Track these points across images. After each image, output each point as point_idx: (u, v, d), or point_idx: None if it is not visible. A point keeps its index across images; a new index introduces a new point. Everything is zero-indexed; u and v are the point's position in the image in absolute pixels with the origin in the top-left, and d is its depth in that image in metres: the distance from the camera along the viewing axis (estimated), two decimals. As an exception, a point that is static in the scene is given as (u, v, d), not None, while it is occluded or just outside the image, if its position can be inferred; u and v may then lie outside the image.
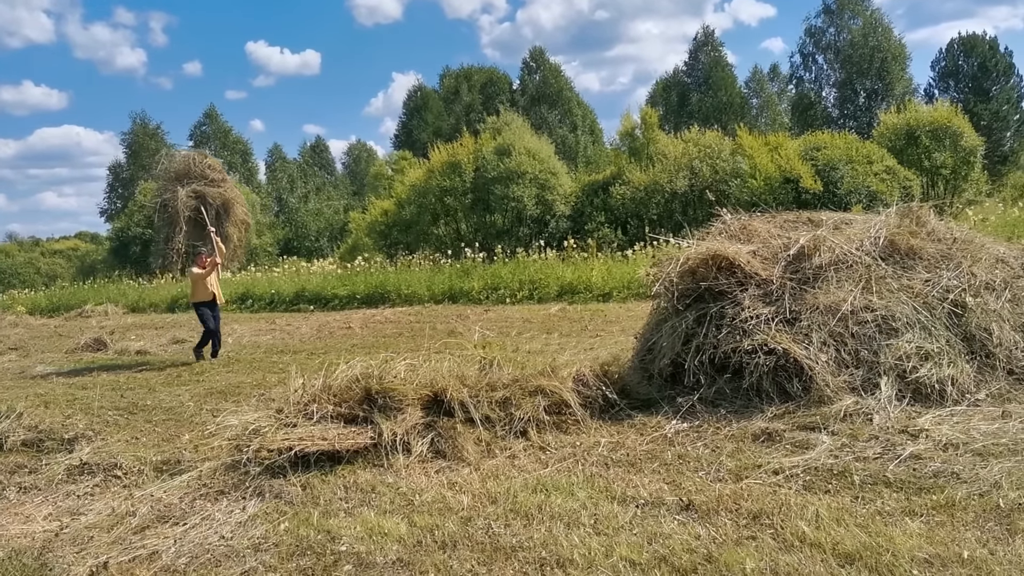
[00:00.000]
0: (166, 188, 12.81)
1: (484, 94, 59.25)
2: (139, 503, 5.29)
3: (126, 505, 5.27)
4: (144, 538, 4.69)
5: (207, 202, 12.45)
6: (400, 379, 6.40)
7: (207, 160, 13.22)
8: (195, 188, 12.47)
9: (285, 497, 5.22)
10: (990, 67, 49.14)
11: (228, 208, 12.86)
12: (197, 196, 12.44)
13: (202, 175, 12.73)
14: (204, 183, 12.63)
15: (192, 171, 12.73)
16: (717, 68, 56.19)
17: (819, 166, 22.81)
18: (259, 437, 5.89)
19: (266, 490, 5.34)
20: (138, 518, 5.01)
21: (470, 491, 5.06)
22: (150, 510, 5.16)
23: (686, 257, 6.73)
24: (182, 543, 4.56)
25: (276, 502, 5.14)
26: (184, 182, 12.55)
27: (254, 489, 5.37)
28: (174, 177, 12.77)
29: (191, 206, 12.32)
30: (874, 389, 5.74)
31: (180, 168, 12.87)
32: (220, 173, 13.19)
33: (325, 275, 24.01)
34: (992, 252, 6.57)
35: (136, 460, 6.14)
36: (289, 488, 5.34)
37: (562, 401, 6.37)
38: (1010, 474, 4.38)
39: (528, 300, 17.64)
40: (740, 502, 4.42)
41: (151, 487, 5.58)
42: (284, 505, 5.09)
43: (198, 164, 12.91)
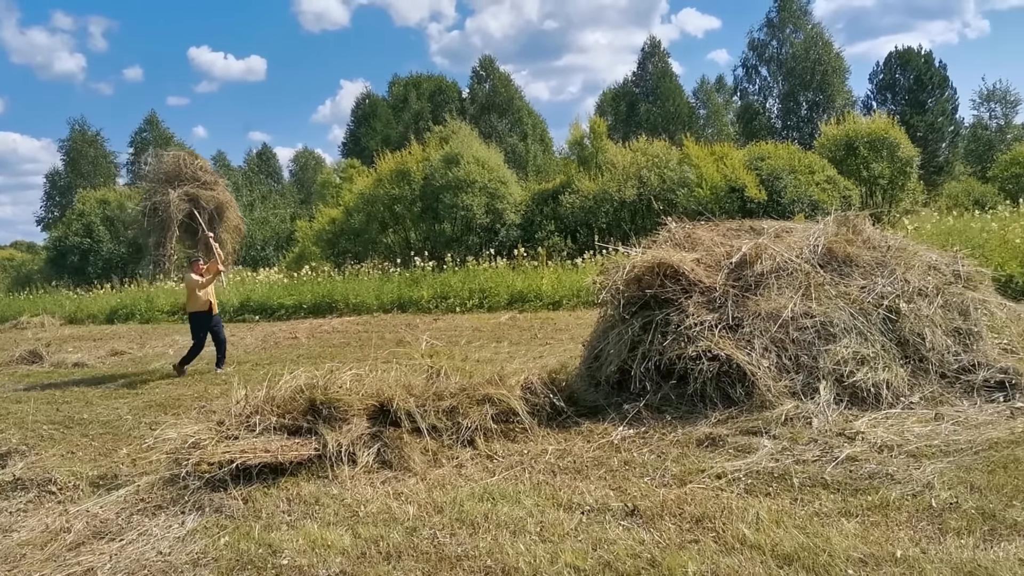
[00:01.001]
0: (156, 190, 12.06)
1: (433, 102, 59.14)
2: (74, 519, 5.15)
3: (61, 521, 5.13)
4: (79, 555, 4.57)
5: (200, 205, 11.83)
6: (346, 389, 6.35)
7: (198, 161, 12.54)
8: (187, 190, 11.82)
9: (226, 511, 5.13)
10: (925, 80, 50.61)
11: (222, 212, 12.23)
12: (190, 199, 11.80)
13: (194, 176, 12.07)
14: (197, 185, 11.99)
15: (183, 172, 12.06)
16: (665, 79, 56.93)
17: (763, 176, 23.23)
18: (199, 450, 5.78)
19: (206, 504, 5.24)
20: (73, 534, 4.88)
21: (416, 501, 5.04)
22: (86, 526, 5.03)
23: (632, 265, 6.80)
24: (118, 560, 4.45)
25: (216, 516, 5.05)
26: (175, 184, 11.87)
27: (193, 503, 5.26)
28: (164, 179, 12.08)
29: (184, 210, 11.69)
30: (813, 393, 5.86)
31: (170, 169, 12.18)
32: (212, 175, 12.56)
33: (271, 284, 23.67)
34: (924, 259, 6.76)
35: (71, 475, 5.98)
36: (230, 502, 5.25)
37: (510, 409, 6.38)
38: (942, 474, 4.50)
39: (478, 309, 17.62)
40: (684, 506, 4.47)
41: (87, 503, 5.44)
42: (224, 519, 5.00)
43: (189, 165, 12.23)
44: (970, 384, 5.91)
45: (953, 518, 3.94)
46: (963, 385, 5.94)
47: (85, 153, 58.74)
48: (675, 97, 56.44)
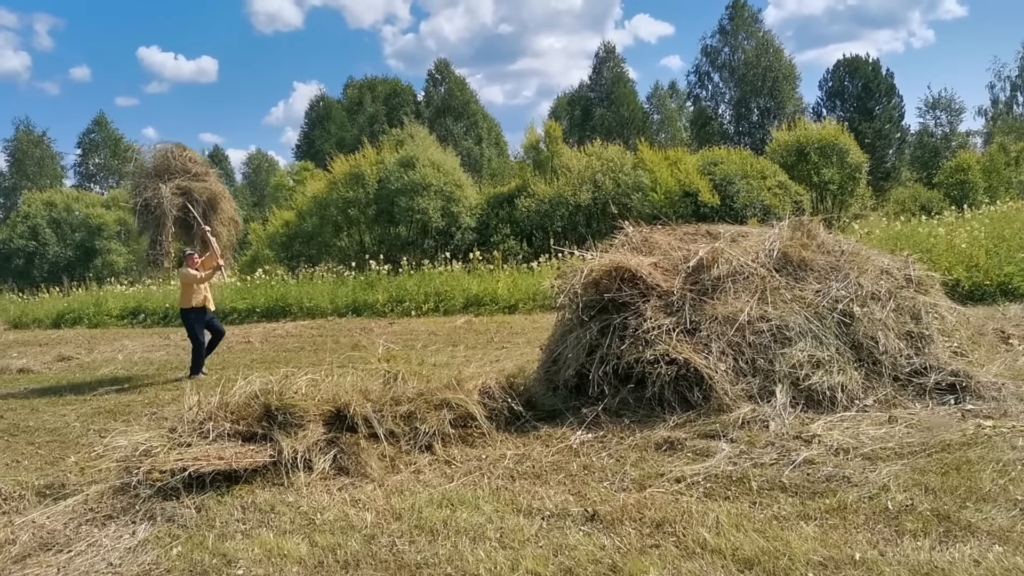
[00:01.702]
0: (145, 186, 11.45)
1: (388, 105, 58.86)
2: (20, 530, 4.98)
3: (5, 533, 4.95)
4: (25, 567, 4.42)
5: (193, 198, 11.30)
6: (301, 394, 6.24)
7: (187, 152, 11.98)
8: (179, 184, 11.26)
9: (178, 520, 5.00)
10: (873, 88, 51.75)
11: (215, 204, 11.67)
12: (183, 192, 11.26)
13: (184, 169, 11.51)
14: (188, 178, 11.43)
15: (172, 165, 11.50)
16: (619, 84, 57.36)
17: (716, 180, 23.52)
18: (150, 458, 5.62)
19: (157, 513, 5.11)
20: (18, 546, 4.71)
21: (374, 508, 4.96)
22: (32, 537, 4.86)
23: (590, 269, 6.80)
24: (67, 572, 4.31)
25: (168, 526, 4.92)
26: (165, 177, 11.32)
27: (145, 513, 5.12)
28: (153, 173, 11.51)
29: (177, 204, 11.15)
30: (770, 397, 5.91)
31: (159, 163, 11.61)
32: (203, 166, 12.01)
33: (223, 288, 23.28)
34: (877, 264, 6.87)
35: (17, 485, 5.79)
36: (182, 510, 5.12)
37: (468, 414, 6.33)
38: (897, 477, 4.56)
39: (434, 312, 17.52)
40: (644, 511, 4.47)
41: (33, 513, 5.26)
42: (177, 529, 4.87)
43: (178, 157, 11.67)
44: (922, 387, 6.02)
45: (909, 520, 3.99)
46: (915, 388, 6.04)
47: (31, 154, 57.30)
48: (629, 102, 56.89)
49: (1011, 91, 53.69)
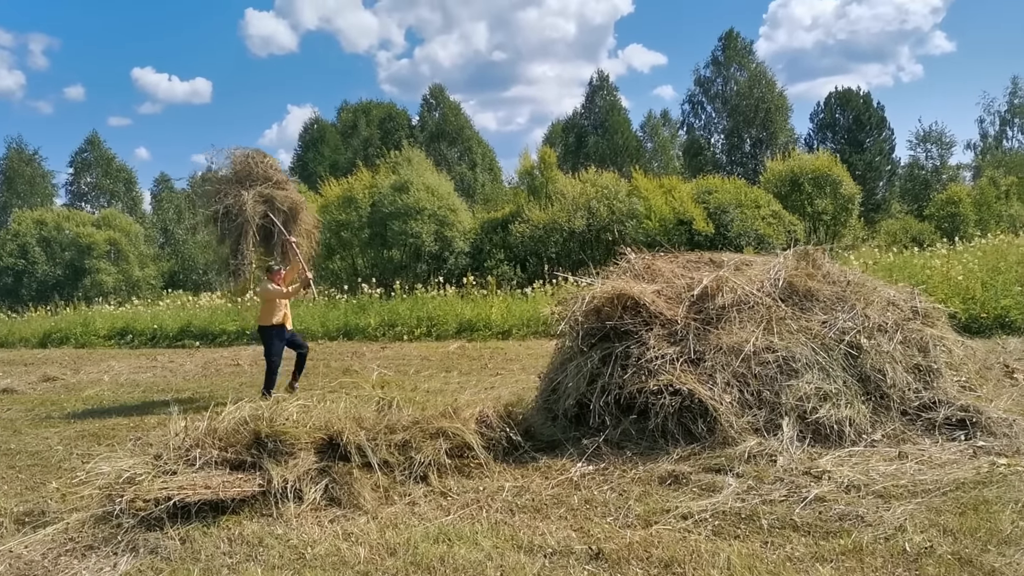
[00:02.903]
0: (226, 192, 10.86)
1: (383, 129, 58.89)
2: (-5, 561, 4.76)
3: (-20, 564, 4.73)
4: (-1, 602, 4.20)
5: (275, 207, 10.76)
6: (292, 421, 6.06)
7: (268, 159, 11.43)
8: (261, 191, 10.71)
9: (162, 552, 4.80)
10: (864, 120, 52.10)
11: (296, 213, 11.10)
12: (264, 200, 10.71)
13: (265, 176, 10.95)
14: (270, 185, 10.88)
15: (254, 172, 10.93)
16: (613, 112, 57.59)
17: (711, 209, 23.48)
18: (134, 486, 5.41)
19: (140, 545, 4.90)
20: (-7, 579, 4.50)
21: (367, 542, 4.77)
22: (8, 568, 4.65)
23: (592, 296, 6.65)
24: (43, 607, 4.10)
25: (151, 558, 4.72)
26: (247, 184, 10.79)
27: (127, 544, 4.92)
28: (234, 179, 10.97)
29: (259, 211, 10.60)
30: (776, 430, 5.75)
31: (240, 168, 11.06)
32: (283, 174, 11.49)
33: (213, 309, 23.03)
34: (883, 295, 6.74)
35: (-5, 511, 5.57)
36: (166, 542, 4.91)
37: (464, 443, 6.15)
38: (912, 517, 4.40)
39: (426, 337, 17.32)
40: (650, 549, 4.29)
41: (11, 542, 5.05)
42: (160, 561, 4.67)
43: (259, 164, 11.12)
44: (931, 422, 5.87)
45: (930, 563, 3.83)
46: (924, 423, 5.89)
47: (22, 172, 56.94)
48: (623, 130, 57.10)
49: (1000, 125, 54.16)
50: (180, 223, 53.25)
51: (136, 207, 58.75)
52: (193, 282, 44.33)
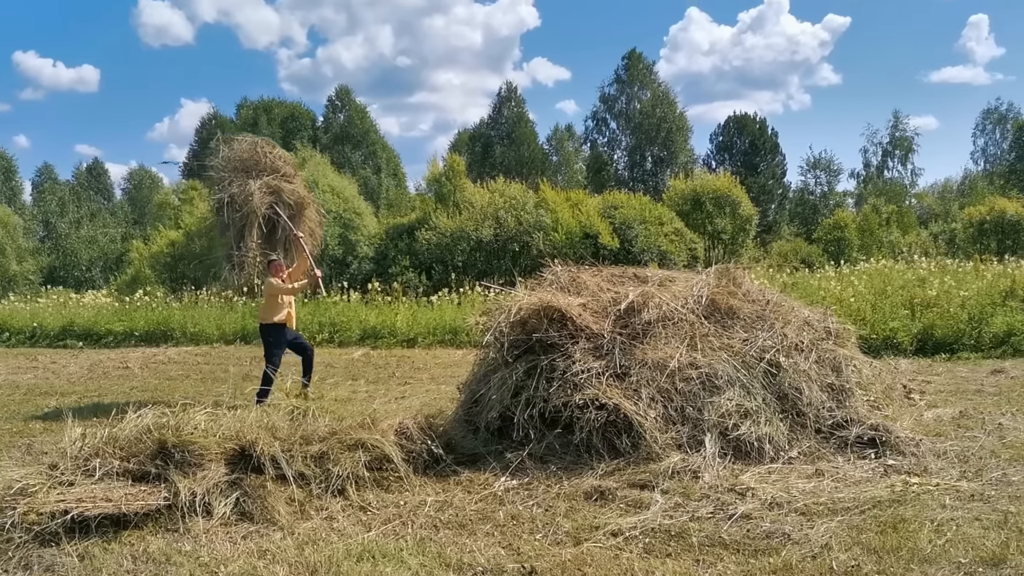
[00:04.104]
0: (231, 180, 10.26)
1: (285, 128, 57.45)
2: None
3: None
4: None
5: (282, 199, 10.16)
6: (201, 430, 5.74)
7: (277, 150, 10.83)
8: (268, 182, 10.12)
9: (58, 570, 4.46)
10: (759, 145, 54.17)
11: (302, 209, 10.53)
12: (271, 192, 10.11)
13: (273, 167, 10.35)
14: (278, 177, 10.30)
15: (261, 161, 10.34)
16: (520, 123, 58.00)
17: (616, 224, 23.86)
18: (27, 498, 5.00)
19: (34, 562, 4.54)
20: None
21: (285, 560, 4.53)
22: None
23: (518, 307, 6.58)
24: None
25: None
26: (253, 174, 10.18)
27: (19, 560, 4.55)
28: (240, 167, 10.33)
29: (265, 203, 9.99)
30: (699, 446, 5.81)
31: (247, 156, 10.42)
32: (292, 167, 10.87)
33: (98, 308, 21.91)
34: (800, 315, 6.93)
35: None
36: (63, 559, 4.57)
37: (384, 456, 5.96)
38: (836, 535, 4.49)
39: (328, 343, 16.93)
40: (583, 568, 4.23)
41: None
42: (58, 580, 4.33)
43: (268, 154, 10.51)
44: (844, 440, 6.04)
45: (859, 582, 3.90)
46: (837, 441, 6.06)
47: None
48: (529, 142, 57.59)
49: (882, 156, 57.13)
50: (63, 217, 50.57)
51: (15, 198, 55.46)
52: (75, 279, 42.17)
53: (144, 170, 68.86)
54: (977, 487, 5.21)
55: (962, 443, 6.28)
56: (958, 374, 10.04)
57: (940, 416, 7.25)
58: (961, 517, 4.66)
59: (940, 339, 12.11)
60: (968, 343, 11.90)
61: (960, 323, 12.33)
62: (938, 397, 8.27)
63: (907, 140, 56.54)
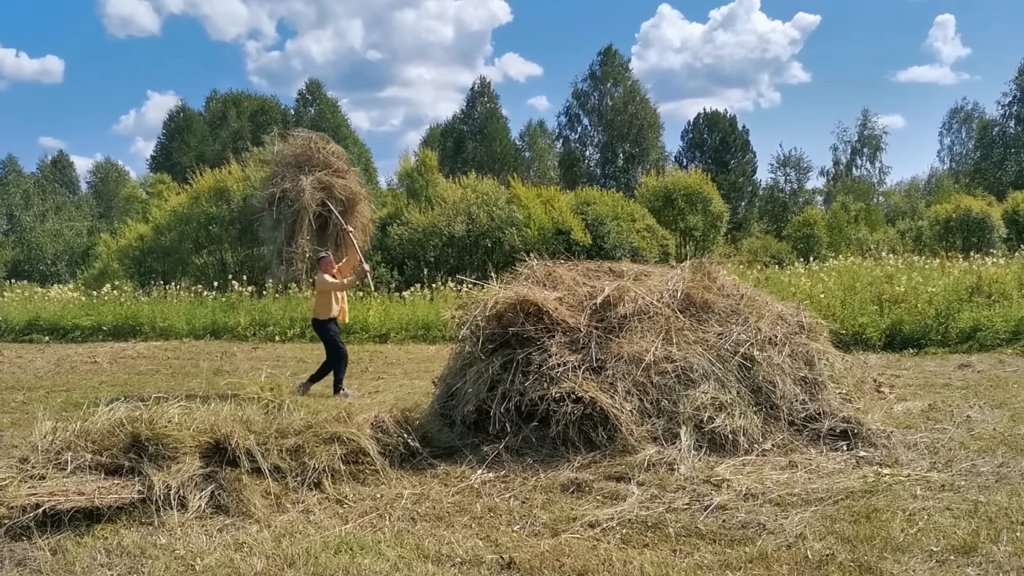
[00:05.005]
0: (283, 175, 10.23)
1: (255, 122, 57.00)
2: None
3: None
4: None
5: (333, 195, 10.10)
6: (175, 424, 5.67)
7: (330, 146, 10.72)
8: (320, 178, 10.06)
9: (31, 564, 4.38)
10: (730, 142, 54.71)
11: (353, 205, 10.43)
12: (323, 187, 10.04)
13: (326, 163, 10.28)
14: (330, 173, 10.22)
15: (314, 157, 10.27)
16: (493, 119, 58.01)
17: (588, 220, 23.93)
18: (-3, 492, 4.93)
19: (5, 556, 4.46)
20: None
21: (262, 553, 4.50)
22: None
23: (494, 301, 6.58)
24: None
25: (19, 570, 4.30)
26: (306, 169, 10.14)
27: (-9, 555, 4.46)
28: (293, 162, 10.30)
29: (317, 199, 9.94)
30: (674, 439, 5.85)
31: (300, 152, 10.39)
32: (346, 162, 10.75)
33: (64, 303, 21.57)
34: (773, 309, 7.00)
35: None
36: (35, 553, 4.49)
37: (360, 449, 5.93)
38: (810, 524, 4.54)
39: (300, 339, 16.79)
40: (562, 559, 4.24)
41: None
42: (30, 574, 4.26)
43: (321, 149, 10.45)
44: (816, 432, 6.12)
45: (833, 570, 3.94)
46: (810, 433, 6.13)
47: None
48: (502, 138, 57.63)
49: (851, 155, 57.90)
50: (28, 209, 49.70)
51: (-24, 190, 54.48)
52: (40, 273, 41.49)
53: (110, 163, 67.95)
54: (947, 478, 5.30)
55: (932, 435, 6.39)
56: (926, 368, 10.20)
57: (910, 409, 7.37)
58: (932, 507, 4.73)
59: (908, 334, 12.30)
60: (935, 338, 12.09)
61: (927, 319, 12.53)
62: (907, 391, 8.41)
63: (875, 138, 57.37)
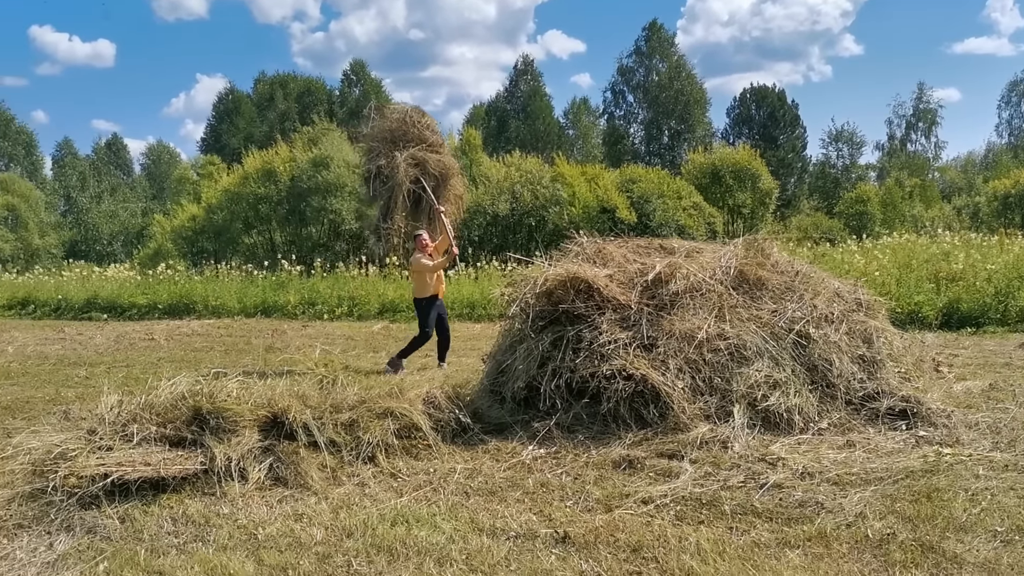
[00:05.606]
0: (379, 151, 10.32)
1: (301, 103, 57.48)
2: (-89, 542, 4.38)
3: None
4: (-79, 587, 3.86)
5: (427, 171, 10.18)
6: (234, 398, 5.78)
7: (425, 119, 10.65)
8: (414, 154, 10.13)
9: (100, 532, 4.51)
10: (779, 117, 53.67)
11: (446, 179, 10.50)
12: (416, 163, 10.07)
13: (420, 137, 10.27)
14: (424, 148, 10.22)
15: (409, 132, 10.31)
16: (536, 97, 57.69)
17: (634, 198, 23.75)
18: (67, 462, 5.07)
19: (76, 524, 4.60)
20: (-89, 561, 4.14)
21: (321, 523, 4.58)
22: (-73, 550, 4.28)
23: (544, 279, 6.57)
24: (-26, 593, 3.79)
25: (90, 538, 4.43)
26: (401, 145, 10.19)
27: (61, 522, 4.61)
28: (389, 138, 10.29)
29: (411, 176, 10.03)
30: (727, 417, 5.79)
31: (395, 127, 10.36)
32: (439, 135, 10.75)
33: (121, 282, 22.06)
34: (830, 286, 6.87)
35: (-96, 489, 5.14)
36: (104, 521, 4.63)
37: (412, 424, 5.99)
38: (870, 504, 4.48)
39: (347, 317, 16.99)
40: (616, 534, 4.24)
41: (-74, 521, 4.66)
42: (100, 542, 4.38)
43: (416, 123, 10.46)
44: (875, 412, 6.01)
45: (894, 549, 3.89)
46: (868, 413, 6.03)
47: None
48: (545, 116, 57.29)
49: (906, 129, 56.49)
50: (84, 191, 50.84)
51: (36, 172, 55.83)
52: (97, 253, 42.45)
53: (163, 145, 69.14)
54: (1011, 458, 5.18)
55: (993, 415, 6.25)
56: (985, 347, 9.97)
57: (970, 389, 7.21)
58: (996, 487, 4.64)
59: (966, 313, 12.02)
60: (994, 317, 11.81)
61: (986, 297, 12.24)
62: (966, 370, 8.22)
63: (931, 112, 55.89)
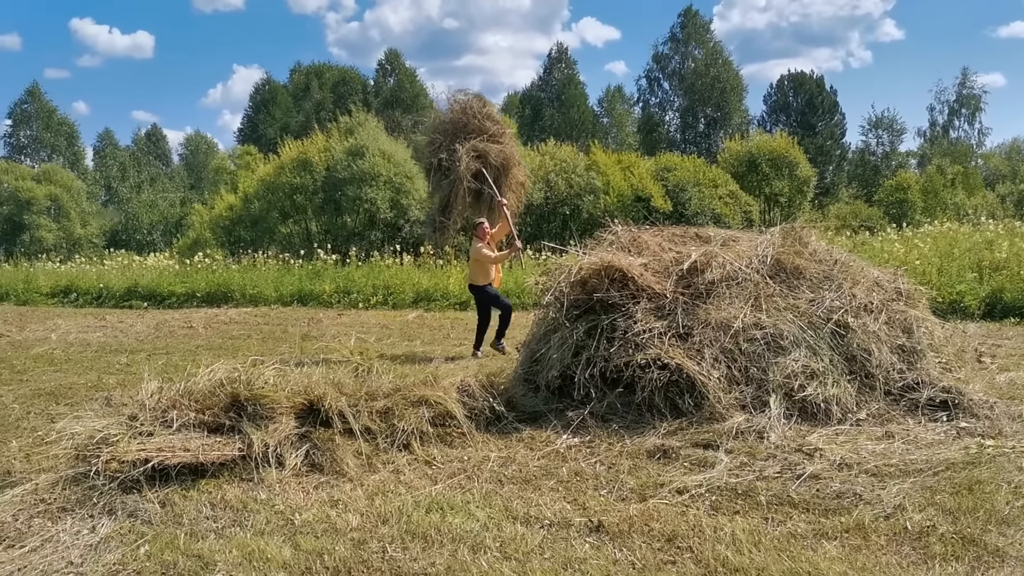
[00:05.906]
0: (440, 144, 10.22)
1: (336, 93, 57.78)
2: (-38, 522, 4.50)
3: (-56, 525, 4.47)
4: (-29, 566, 3.97)
5: (488, 162, 10.02)
6: (271, 385, 5.85)
7: (487, 108, 10.62)
8: (475, 145, 9.96)
9: (141, 516, 4.60)
10: (817, 104, 52.87)
11: (507, 168, 10.31)
12: (478, 155, 9.96)
13: (480, 128, 10.15)
14: (485, 139, 10.08)
15: (470, 123, 10.16)
16: (570, 85, 57.43)
17: (669, 187, 23.59)
18: (109, 447, 5.17)
19: (118, 507, 4.69)
20: (-38, 540, 4.25)
21: (356, 510, 4.63)
22: (-23, 530, 4.40)
23: (579, 267, 6.55)
24: (23, 570, 3.88)
25: (131, 521, 4.52)
26: (462, 136, 10.05)
27: (104, 506, 4.71)
28: (450, 130, 10.24)
29: (472, 169, 9.90)
30: (763, 407, 5.74)
31: (457, 119, 10.29)
32: (500, 124, 10.60)
33: (161, 270, 22.41)
34: (869, 275, 6.77)
35: (-47, 472, 5.28)
36: (145, 505, 4.72)
37: (447, 412, 6.02)
38: (909, 496, 4.42)
39: (383, 305, 17.09)
40: (650, 523, 4.23)
41: (-25, 503, 4.78)
42: (141, 525, 4.48)
43: (477, 114, 10.30)
44: (914, 402, 5.92)
45: (934, 542, 3.83)
46: (907, 403, 5.93)
47: (-47, 120, 54.69)
48: (579, 104, 57.02)
49: (949, 115, 55.37)
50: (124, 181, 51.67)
51: (78, 163, 56.82)
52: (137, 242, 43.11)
53: (200, 135, 69.98)
54: (1055, 451, 5.08)
55: (1037, 407, 6.12)
56: (1029, 338, 9.77)
57: (1013, 380, 7.08)
58: (1039, 480, 4.55)
59: (1010, 303, 11.77)
60: (1040, 307, 11.56)
61: (1031, 286, 11.98)
62: (1010, 361, 8.06)
63: (975, 98, 54.70)
